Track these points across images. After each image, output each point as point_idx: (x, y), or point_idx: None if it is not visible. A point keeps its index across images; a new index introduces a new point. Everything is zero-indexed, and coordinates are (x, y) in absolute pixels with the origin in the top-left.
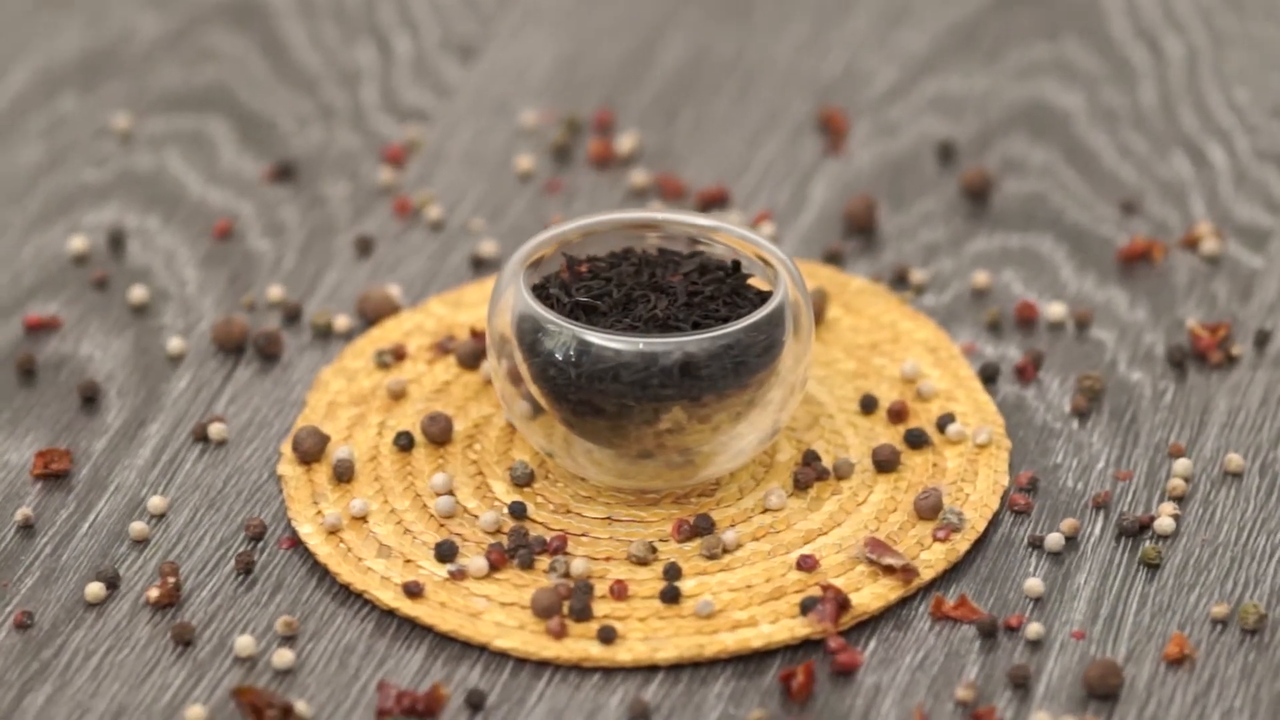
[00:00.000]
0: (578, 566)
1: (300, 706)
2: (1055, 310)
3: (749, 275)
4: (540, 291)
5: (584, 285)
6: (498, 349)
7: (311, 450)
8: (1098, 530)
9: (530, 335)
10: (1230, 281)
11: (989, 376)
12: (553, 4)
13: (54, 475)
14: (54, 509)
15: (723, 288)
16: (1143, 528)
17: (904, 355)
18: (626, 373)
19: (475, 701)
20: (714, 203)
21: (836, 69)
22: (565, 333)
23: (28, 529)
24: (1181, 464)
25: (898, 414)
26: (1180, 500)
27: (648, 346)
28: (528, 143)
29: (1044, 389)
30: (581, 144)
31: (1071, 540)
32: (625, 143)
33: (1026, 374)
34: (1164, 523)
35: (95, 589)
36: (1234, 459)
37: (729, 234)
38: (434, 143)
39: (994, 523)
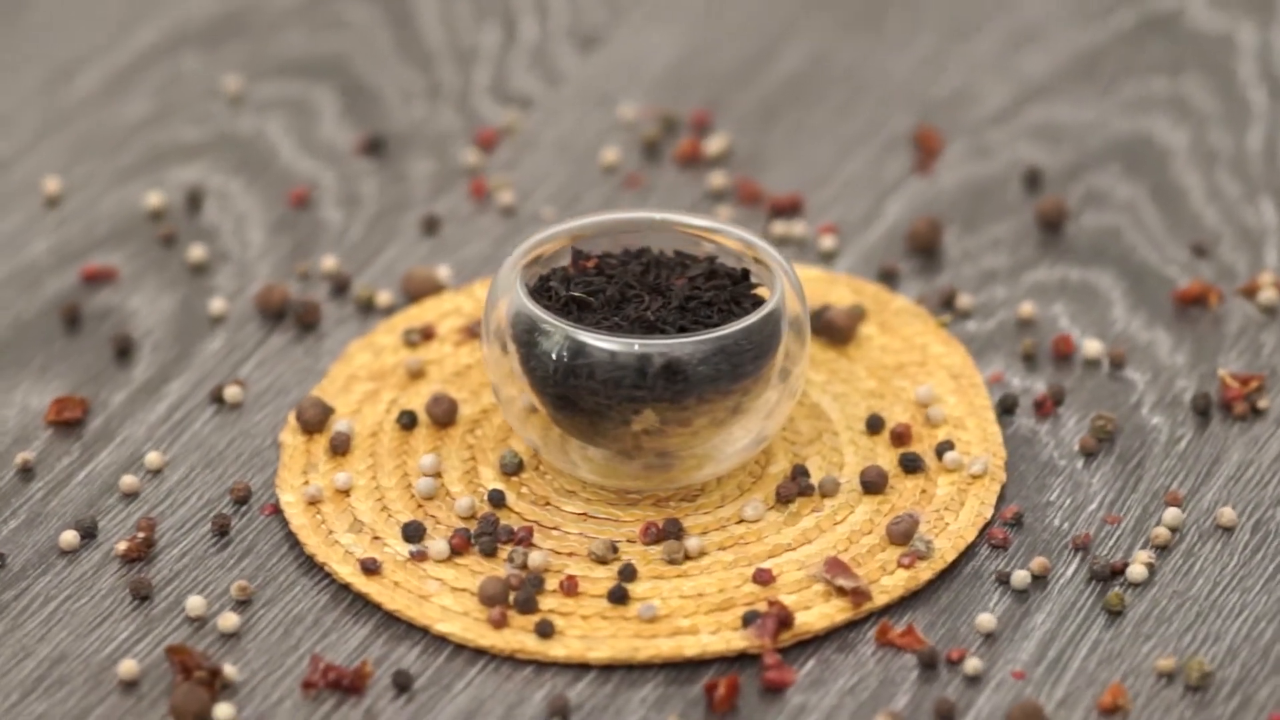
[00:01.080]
0: (535, 559)
1: (229, 670)
2: (1092, 347)
3: (757, 284)
4: (543, 284)
5: (585, 281)
6: (493, 340)
7: (313, 420)
8: (1070, 572)
9: (519, 327)
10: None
11: (1007, 408)
12: (685, 2)
13: (65, 423)
14: (56, 456)
15: (723, 294)
16: (1115, 573)
17: (927, 379)
18: (601, 370)
19: (401, 683)
20: (785, 211)
21: (948, 88)
22: (547, 326)
23: (26, 472)
24: (1171, 513)
25: (900, 437)
26: (1163, 549)
27: (622, 346)
28: (620, 136)
29: (1059, 425)
30: (674, 142)
31: (1040, 579)
32: (715, 144)
33: (1044, 408)
34: (1136, 570)
35: (69, 537)
36: (1226, 513)
37: (730, 236)
38: (530, 129)
39: (967, 554)
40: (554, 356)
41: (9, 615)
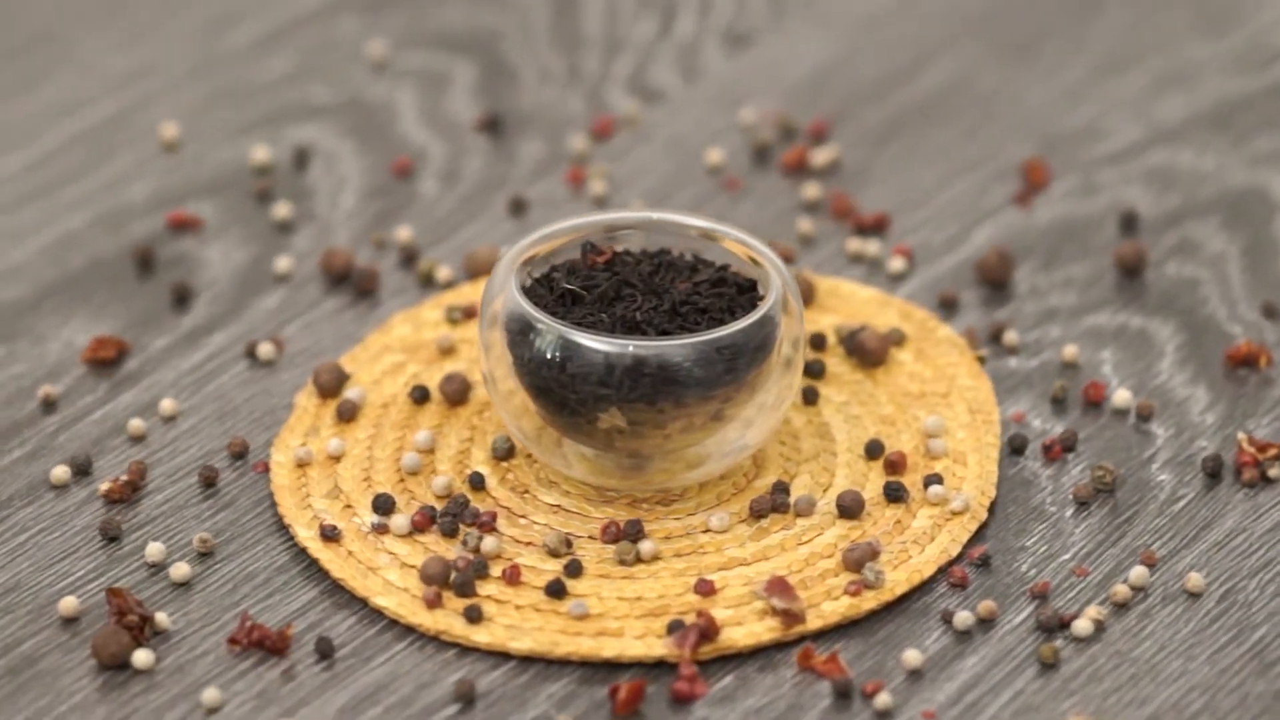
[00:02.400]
0: (487, 544)
1: (161, 619)
2: (1121, 397)
3: (764, 296)
4: (548, 275)
5: (588, 275)
6: (489, 331)
7: (328, 385)
8: (1018, 619)
9: (507, 314)
10: None
11: (1016, 448)
12: (851, 10)
13: (100, 362)
14: (81, 393)
15: (721, 302)
16: (1062, 625)
17: (946, 410)
18: (571, 365)
19: (323, 649)
20: (869, 229)
21: (1079, 122)
22: (528, 317)
23: (47, 405)
24: (1138, 571)
25: (894, 465)
26: (1121, 607)
27: (590, 343)
28: (735, 139)
29: (1063, 471)
30: (785, 149)
31: (986, 623)
32: (823, 155)
33: (1053, 453)
34: (1082, 625)
35: (60, 472)
36: (1194, 578)
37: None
38: (650, 123)
39: (923, 590)
40: (531, 347)
41: None
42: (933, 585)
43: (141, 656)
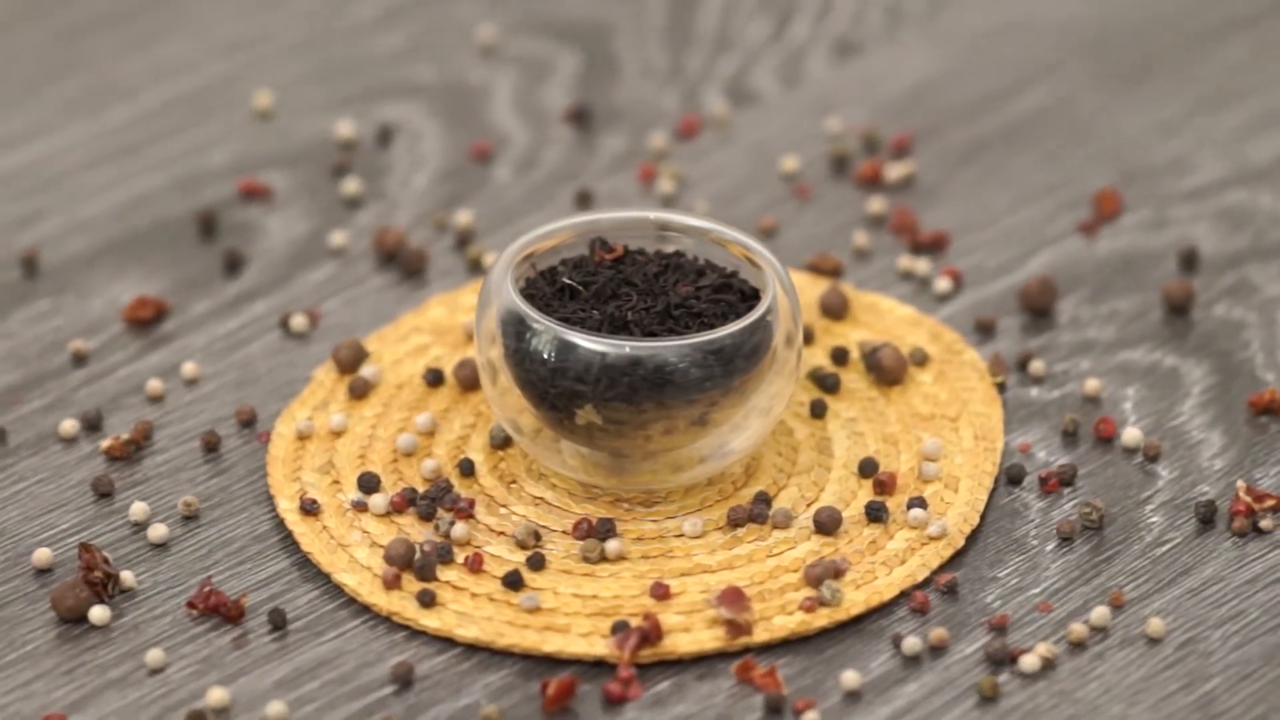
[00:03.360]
0: (457, 530)
1: (126, 577)
2: (1131, 435)
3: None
4: (553, 269)
5: (592, 271)
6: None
7: (346, 360)
8: (969, 650)
9: (501, 305)
10: None
11: (1014, 478)
12: (967, 27)
13: (138, 321)
14: (113, 350)
15: (718, 307)
16: (1010, 660)
17: (950, 434)
18: (551, 360)
19: (275, 620)
20: (926, 247)
21: (1167, 155)
22: (518, 309)
23: (78, 359)
24: (1099, 612)
25: (883, 485)
26: (1077, 646)
27: (571, 339)
28: (817, 147)
29: (1055, 505)
30: (863, 161)
31: (937, 651)
32: (897, 170)
33: (1049, 485)
34: (1030, 660)
35: (68, 426)
36: (1155, 624)
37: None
38: (737, 126)
39: (882, 612)
40: (517, 339)
41: None
42: (894, 608)
43: (98, 612)
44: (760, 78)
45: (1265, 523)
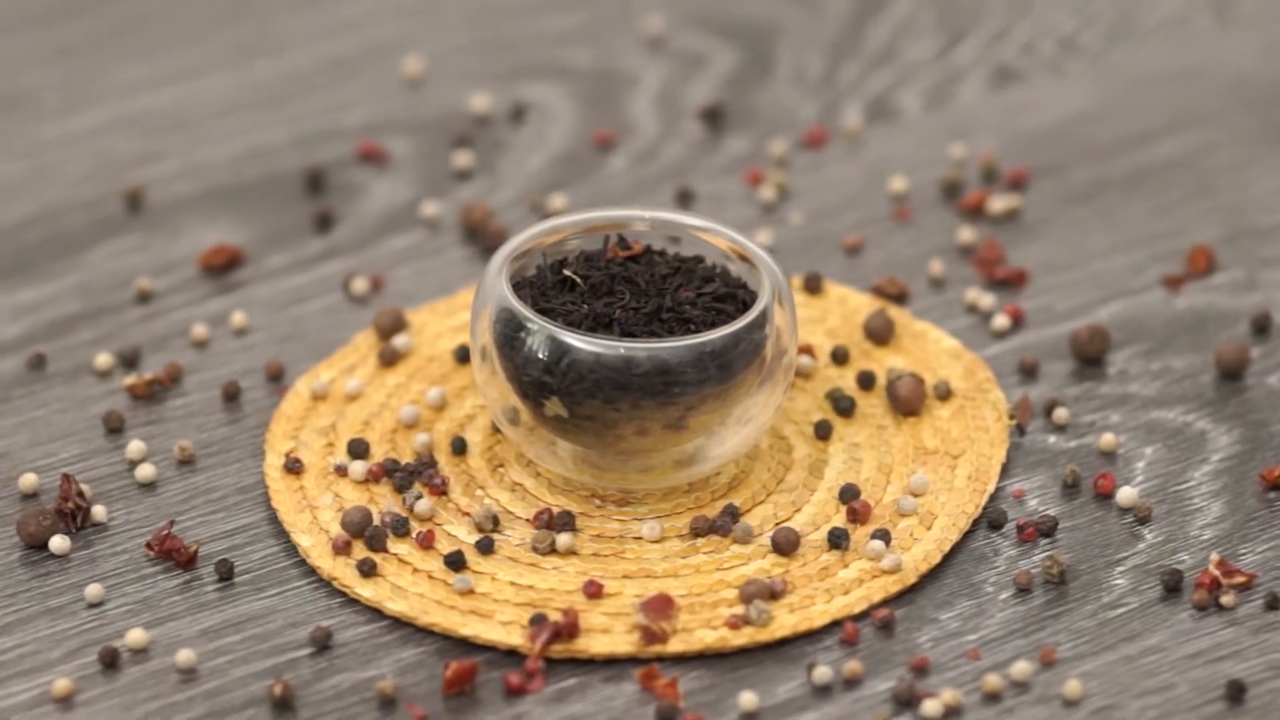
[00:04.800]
0: (421, 506)
1: (97, 511)
2: (1126, 495)
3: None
4: (562, 261)
5: (598, 267)
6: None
7: (384, 327)
8: (881, 687)
9: (492, 291)
10: None
11: (994, 524)
12: (1139, 68)
13: (210, 268)
14: (178, 292)
15: (711, 315)
16: (914, 702)
17: (947, 470)
18: (524, 348)
19: (222, 572)
20: (1001, 282)
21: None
22: (507, 299)
23: (142, 297)
24: (1020, 666)
25: (855, 513)
26: (990, 698)
27: (539, 329)
28: (935, 171)
29: (1027, 554)
30: (971, 190)
31: (850, 684)
32: (1001, 203)
33: (1026, 534)
34: (932, 706)
35: (104, 360)
36: (1073, 685)
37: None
38: (865, 141)
39: (810, 639)
40: (500, 323)
41: (6, 406)
42: (824, 637)
43: (57, 542)
44: (907, 96)
45: (1226, 598)
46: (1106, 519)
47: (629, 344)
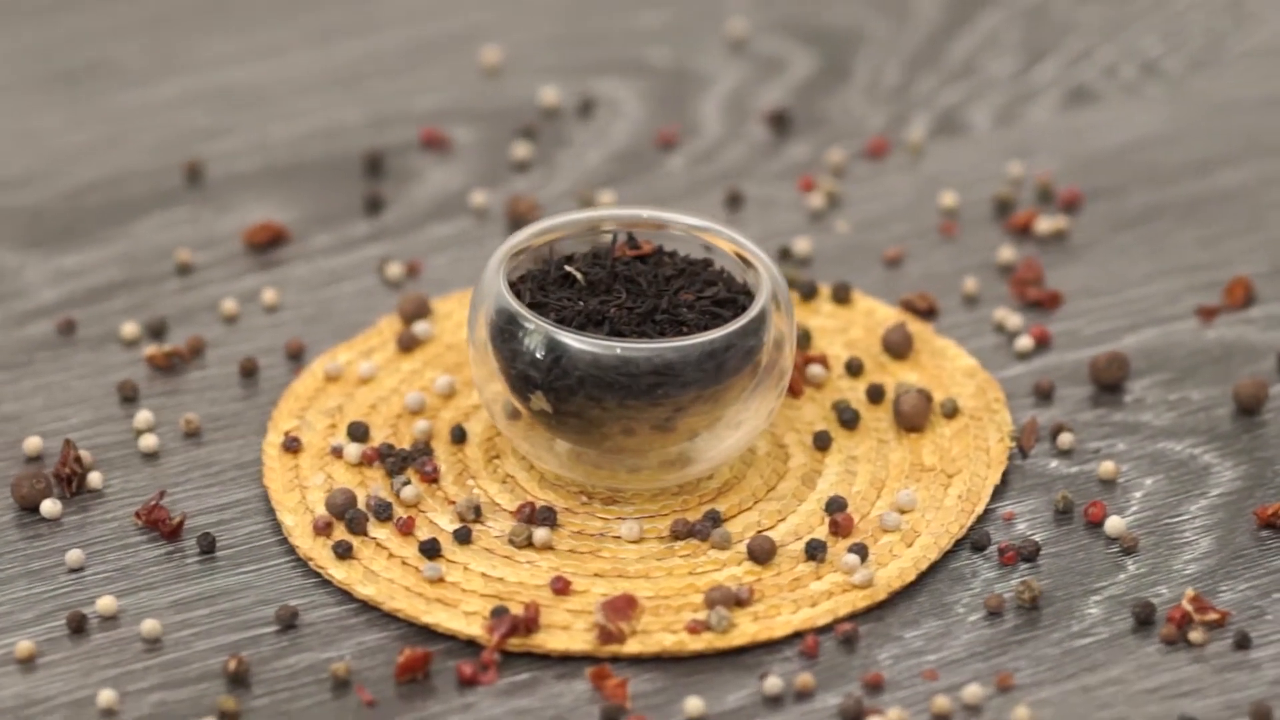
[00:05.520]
0: (408, 492)
1: (93, 479)
2: (1114, 524)
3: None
4: (570, 257)
5: (604, 264)
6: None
7: (408, 313)
8: (832, 702)
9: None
10: None
11: (977, 545)
12: (1221, 94)
13: (253, 244)
14: (218, 267)
15: (705, 319)
16: (861, 718)
17: (939, 488)
18: (513, 340)
19: (203, 545)
20: (1033, 303)
21: None
22: (501, 291)
23: (182, 270)
24: (972, 690)
25: (838, 525)
26: (939, 719)
27: (530, 324)
28: (989, 187)
29: (1005, 578)
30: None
31: (802, 696)
32: (1049, 224)
33: (1007, 558)
34: None
35: (130, 329)
36: (1022, 712)
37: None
38: (925, 155)
39: (769, 649)
40: (493, 313)
41: (28, 369)
42: (784, 647)
43: (48, 505)
44: (977, 112)
45: (1195, 635)
46: (1092, 547)
47: (613, 343)
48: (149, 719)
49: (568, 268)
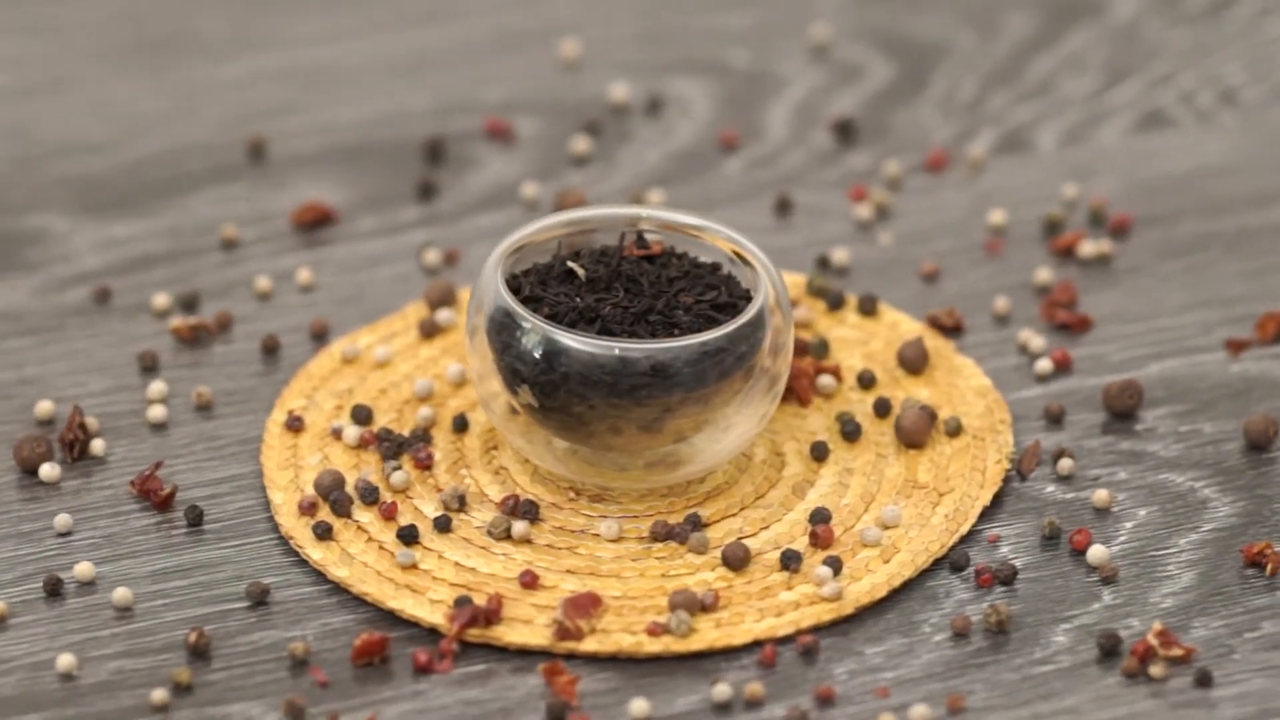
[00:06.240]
0: (397, 477)
1: (96, 445)
2: (1096, 553)
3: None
4: (575, 253)
5: (607, 263)
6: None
7: (433, 300)
8: (779, 713)
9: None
10: None
11: (956, 566)
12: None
13: (300, 224)
14: (261, 244)
15: (700, 322)
16: None
17: (927, 506)
18: (505, 334)
19: (190, 517)
20: (1062, 326)
21: None
22: (497, 286)
23: (226, 245)
24: (919, 710)
25: (818, 537)
26: None
27: (523, 320)
28: (1041, 207)
29: (979, 600)
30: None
31: (751, 705)
32: (1092, 248)
33: (983, 580)
34: None
35: (162, 300)
36: None
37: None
38: (985, 171)
39: (728, 655)
40: (490, 308)
41: (53, 334)
42: (743, 655)
43: (46, 469)
44: (1045, 131)
45: (1156, 669)
46: (1072, 575)
47: (599, 340)
48: (104, 685)
49: (570, 263)
